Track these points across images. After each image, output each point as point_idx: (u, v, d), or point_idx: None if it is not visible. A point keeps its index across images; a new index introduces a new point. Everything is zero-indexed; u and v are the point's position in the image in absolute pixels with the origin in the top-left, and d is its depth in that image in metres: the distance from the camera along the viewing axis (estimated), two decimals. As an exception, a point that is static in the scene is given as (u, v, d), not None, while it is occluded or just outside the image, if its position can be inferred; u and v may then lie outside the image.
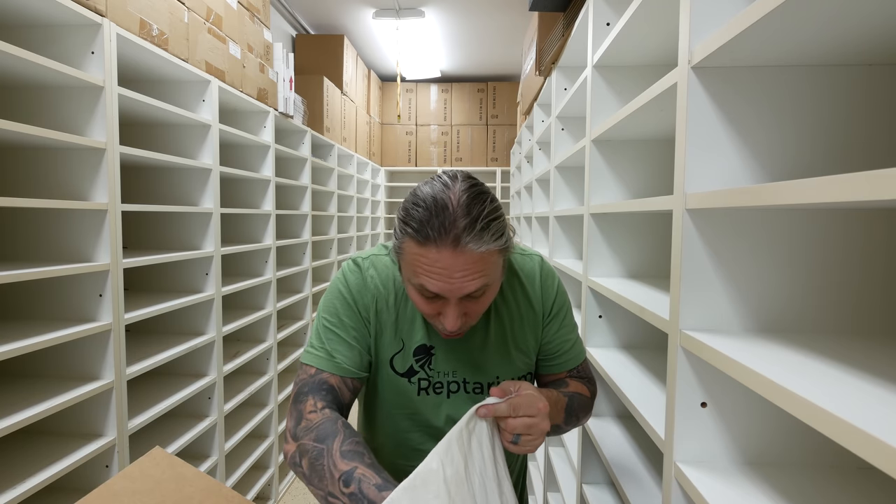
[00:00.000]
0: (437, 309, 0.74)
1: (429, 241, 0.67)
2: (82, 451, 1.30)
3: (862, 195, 0.40)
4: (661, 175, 1.32)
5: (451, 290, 0.70)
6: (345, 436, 0.70)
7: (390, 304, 0.84)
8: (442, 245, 0.66)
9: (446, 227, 0.66)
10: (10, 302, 1.40)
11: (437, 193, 0.68)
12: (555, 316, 0.91)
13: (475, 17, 3.82)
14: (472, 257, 0.67)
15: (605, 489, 1.36)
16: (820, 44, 0.62)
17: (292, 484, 2.77)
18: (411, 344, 0.85)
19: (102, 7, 1.32)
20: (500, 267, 0.75)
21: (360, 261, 0.86)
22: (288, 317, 2.94)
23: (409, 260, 0.71)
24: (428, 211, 0.67)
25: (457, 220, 0.66)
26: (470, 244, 0.66)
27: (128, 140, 1.72)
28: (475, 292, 0.72)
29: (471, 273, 0.68)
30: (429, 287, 0.70)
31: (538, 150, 2.68)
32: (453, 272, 0.68)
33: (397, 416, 0.88)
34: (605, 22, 1.32)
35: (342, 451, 0.68)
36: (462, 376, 0.86)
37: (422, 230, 0.67)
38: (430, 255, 0.68)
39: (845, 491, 0.66)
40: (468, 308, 0.75)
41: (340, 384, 0.80)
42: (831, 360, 0.59)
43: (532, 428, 0.71)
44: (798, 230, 0.71)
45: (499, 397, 0.73)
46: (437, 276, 0.68)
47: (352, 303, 0.83)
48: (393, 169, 5.53)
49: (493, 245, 0.68)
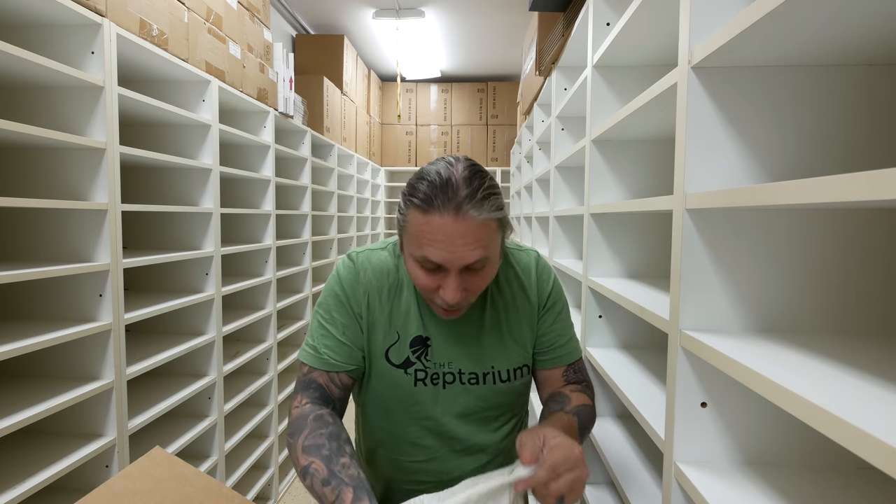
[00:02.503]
0: (438, 282, 0.76)
1: (432, 209, 0.71)
2: (82, 451, 1.30)
3: (862, 195, 0.40)
4: (661, 175, 1.32)
5: (452, 259, 0.73)
6: (310, 430, 0.75)
7: (383, 296, 0.87)
8: (445, 212, 0.71)
9: (449, 196, 0.71)
10: (10, 302, 1.40)
11: (440, 170, 0.73)
12: (550, 308, 0.93)
13: (475, 17, 3.82)
14: (472, 225, 0.71)
15: (605, 489, 1.36)
16: (820, 44, 0.63)
17: (292, 484, 2.77)
18: (407, 335, 0.87)
19: (102, 7, 1.32)
20: (498, 244, 0.78)
21: (354, 255, 0.90)
22: (288, 317, 2.94)
23: (413, 231, 0.74)
24: (432, 184, 0.72)
25: (459, 190, 0.71)
26: (471, 211, 0.71)
27: (128, 140, 1.72)
28: (475, 264, 0.74)
29: (471, 242, 0.72)
30: (431, 257, 0.73)
31: (538, 150, 2.68)
32: (455, 240, 0.71)
33: (395, 409, 0.89)
34: (605, 22, 1.32)
35: (304, 447, 0.74)
36: (458, 367, 0.87)
37: (426, 199, 0.72)
38: (433, 223, 0.71)
39: (845, 491, 0.66)
40: (468, 282, 0.77)
41: (328, 381, 0.85)
42: (831, 360, 0.59)
43: (576, 483, 0.66)
44: (798, 230, 0.71)
45: (529, 462, 0.66)
46: (439, 244, 0.72)
47: (343, 299, 0.87)
48: (393, 169, 5.52)
49: (492, 214, 0.73)
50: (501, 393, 0.89)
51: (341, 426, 0.80)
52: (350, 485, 0.68)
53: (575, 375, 0.95)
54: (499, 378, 0.89)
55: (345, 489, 0.67)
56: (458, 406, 0.88)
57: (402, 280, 0.89)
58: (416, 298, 0.88)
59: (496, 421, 0.92)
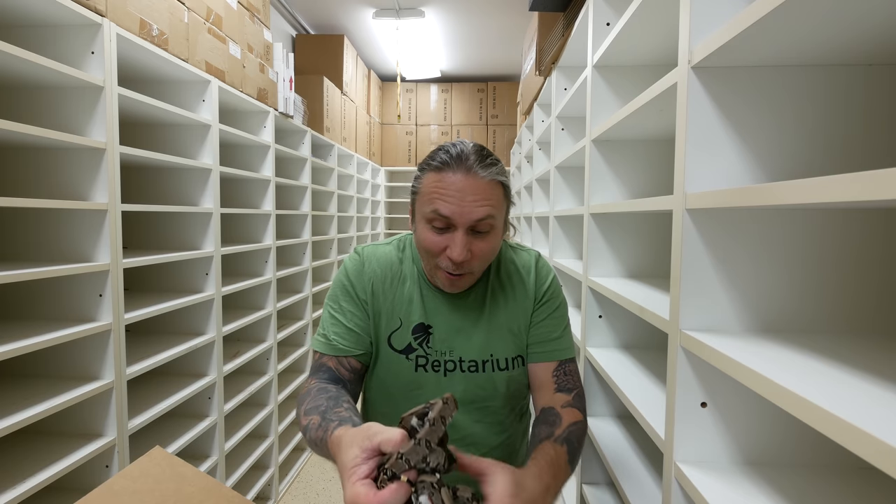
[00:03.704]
0: (446, 242, 0.82)
1: (446, 168, 0.81)
2: (82, 451, 1.30)
3: (862, 195, 0.40)
4: (661, 175, 1.32)
5: (461, 213, 0.79)
6: (312, 397, 0.80)
7: (387, 285, 0.93)
8: (457, 170, 0.80)
9: (461, 158, 0.81)
10: (10, 302, 1.40)
11: (454, 144, 0.84)
12: (545, 303, 0.95)
13: (475, 17, 3.82)
14: (481, 183, 0.80)
15: (605, 489, 1.36)
16: (819, 44, 0.63)
17: (292, 484, 2.77)
18: (409, 322, 0.91)
19: (102, 7, 1.32)
20: (502, 212, 0.85)
21: (360, 249, 0.97)
22: (288, 317, 2.94)
23: (426, 191, 0.82)
24: (447, 152, 0.83)
25: (470, 156, 0.81)
26: (479, 170, 0.80)
27: (128, 140, 1.72)
28: (481, 224, 0.81)
29: (479, 199, 0.79)
30: (442, 210, 0.80)
31: (538, 150, 2.68)
32: (465, 195, 0.79)
33: (396, 395, 0.92)
34: (605, 22, 1.32)
35: (306, 410, 0.78)
36: (459, 355, 0.91)
37: (442, 162, 0.82)
38: (445, 180, 0.80)
39: (845, 491, 0.66)
40: (473, 245, 0.82)
41: (337, 364, 0.90)
42: (831, 360, 0.59)
43: None
44: (797, 230, 0.71)
45: None
46: (450, 198, 0.79)
47: (350, 289, 0.93)
48: (393, 169, 5.52)
49: (498, 177, 0.82)
50: (500, 381, 0.92)
51: (343, 392, 0.83)
52: (335, 420, 0.71)
53: (566, 379, 0.93)
54: (497, 366, 0.92)
55: (331, 424, 0.70)
56: (459, 393, 0.90)
57: (406, 272, 0.94)
58: (419, 288, 0.93)
59: (496, 415, 0.93)
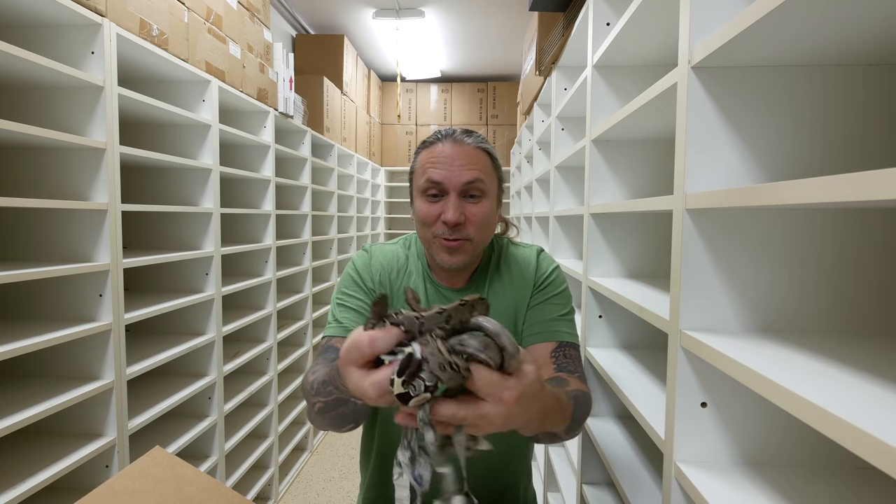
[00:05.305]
0: (440, 209, 0.87)
1: (436, 141, 0.90)
2: (82, 451, 1.30)
3: (862, 195, 0.40)
4: (661, 175, 1.32)
5: (451, 177, 0.86)
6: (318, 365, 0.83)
7: (393, 277, 0.98)
8: (445, 141, 0.89)
9: (448, 133, 0.90)
10: (10, 302, 1.40)
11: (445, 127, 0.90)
12: (544, 288, 0.96)
13: (475, 18, 3.82)
14: (467, 149, 0.88)
15: (605, 489, 1.36)
16: (819, 44, 0.63)
17: (292, 484, 2.77)
18: None
19: (102, 7, 1.32)
20: (493, 180, 0.91)
21: (368, 247, 1.03)
22: (288, 317, 2.94)
23: (420, 166, 0.90)
24: (436, 132, 0.92)
25: (455, 131, 0.91)
26: (465, 140, 0.89)
27: (128, 140, 1.72)
28: (471, 188, 0.86)
29: (467, 163, 0.86)
30: (433, 177, 0.86)
31: (538, 150, 2.68)
32: (454, 161, 0.86)
33: None
34: (605, 22, 1.32)
35: (311, 381, 0.79)
36: None
37: (431, 139, 0.91)
38: (435, 151, 0.88)
39: (845, 491, 0.66)
40: (466, 209, 0.87)
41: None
42: (831, 359, 0.59)
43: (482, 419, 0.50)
44: (797, 230, 0.71)
45: None
46: (440, 165, 0.87)
47: (358, 279, 0.97)
48: (393, 169, 5.52)
49: (482, 144, 0.90)
50: None
51: None
52: None
53: (566, 361, 0.90)
54: None
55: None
56: None
57: (412, 266, 0.99)
58: (423, 282, 0.97)
59: None
